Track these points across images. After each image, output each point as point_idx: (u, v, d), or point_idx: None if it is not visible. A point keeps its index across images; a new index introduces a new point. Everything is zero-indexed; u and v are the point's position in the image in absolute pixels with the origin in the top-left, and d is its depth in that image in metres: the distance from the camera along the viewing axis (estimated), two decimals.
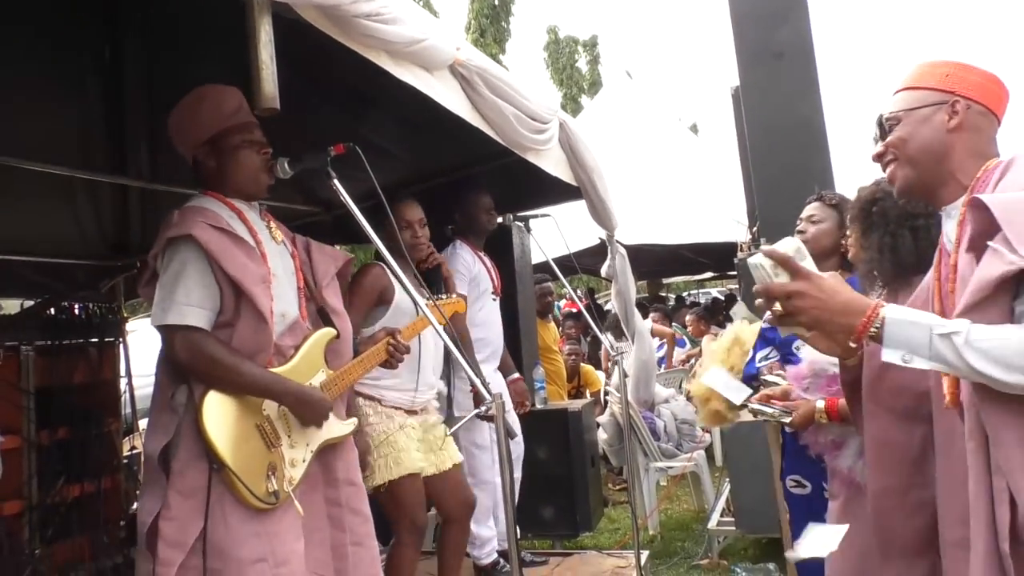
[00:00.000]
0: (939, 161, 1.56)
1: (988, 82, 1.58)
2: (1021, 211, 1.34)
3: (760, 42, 4.08)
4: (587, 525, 4.33)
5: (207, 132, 2.12)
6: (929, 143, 1.56)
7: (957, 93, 1.56)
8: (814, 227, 2.72)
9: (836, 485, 2.27)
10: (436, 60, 2.45)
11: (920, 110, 1.58)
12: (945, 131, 1.55)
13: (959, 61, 1.59)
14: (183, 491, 1.93)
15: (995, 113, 1.59)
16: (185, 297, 1.96)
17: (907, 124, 1.59)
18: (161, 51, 3.16)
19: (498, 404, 1.83)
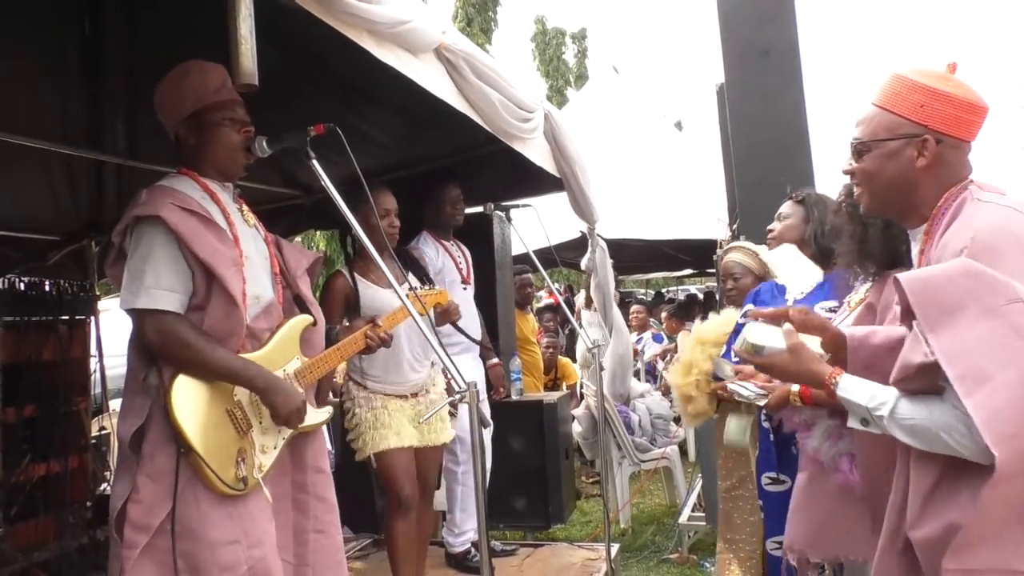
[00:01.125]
0: (905, 196, 1.58)
1: (963, 112, 1.53)
2: (935, 293, 1.36)
3: (747, 40, 4.08)
4: (559, 517, 4.33)
5: (189, 107, 2.08)
6: (894, 180, 1.57)
7: (930, 128, 1.52)
8: (780, 224, 2.84)
9: (805, 460, 2.42)
10: (421, 43, 2.42)
11: (889, 143, 1.56)
12: (913, 168, 1.54)
13: (936, 88, 1.53)
14: (152, 475, 1.90)
15: (968, 139, 1.56)
16: (155, 280, 1.93)
17: (875, 157, 1.58)
18: (143, 26, 3.10)
19: (472, 393, 1.82)
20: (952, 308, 1.34)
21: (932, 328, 1.34)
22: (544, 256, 4.40)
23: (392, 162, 4.14)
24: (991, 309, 1.31)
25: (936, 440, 1.38)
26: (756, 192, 3.92)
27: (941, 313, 1.34)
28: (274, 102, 2.05)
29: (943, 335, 1.33)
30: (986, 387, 1.29)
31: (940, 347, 1.33)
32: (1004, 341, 1.29)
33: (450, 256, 3.86)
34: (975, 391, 1.29)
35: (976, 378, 1.30)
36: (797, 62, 4.01)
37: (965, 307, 1.33)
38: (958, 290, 1.34)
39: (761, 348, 1.72)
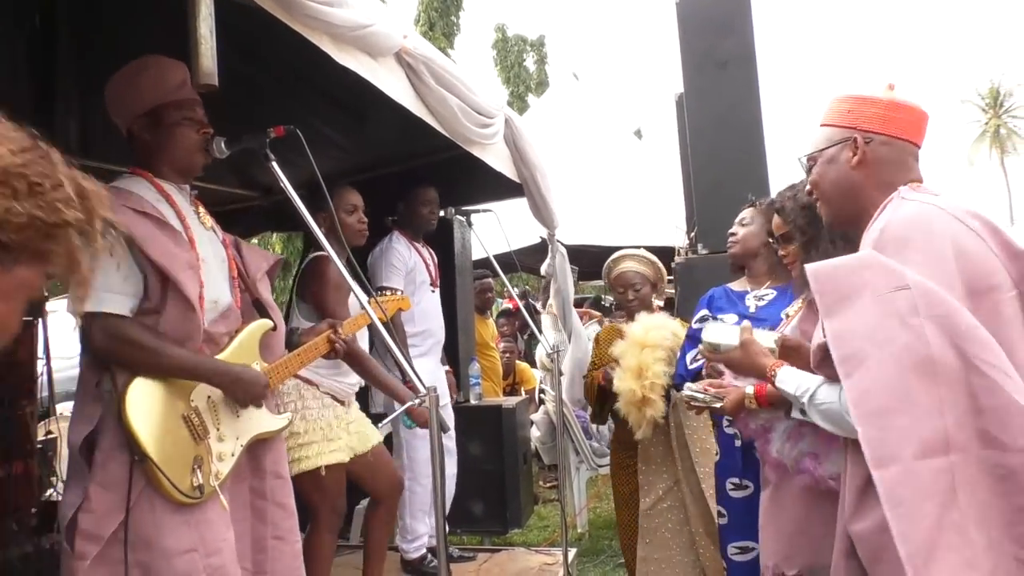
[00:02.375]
0: (851, 198, 1.65)
1: (889, 111, 1.62)
2: (835, 281, 1.45)
3: (705, 50, 4.14)
4: (517, 522, 4.34)
5: (147, 104, 2.03)
6: (837, 183, 1.66)
7: (858, 128, 1.62)
8: (743, 229, 2.87)
9: (767, 471, 2.33)
10: (382, 47, 2.42)
11: (828, 150, 1.67)
12: (849, 169, 1.63)
13: (862, 95, 1.65)
14: (104, 483, 1.85)
15: (904, 139, 1.63)
16: (103, 283, 1.87)
17: (819, 166, 1.69)
18: (97, 22, 3.03)
19: (432, 398, 1.81)
20: (848, 295, 1.42)
21: (827, 313, 1.43)
22: (503, 261, 4.41)
23: (350, 165, 4.12)
24: (879, 296, 1.38)
25: (843, 422, 1.45)
26: (713, 200, 3.97)
27: (838, 300, 1.43)
28: (232, 103, 2.02)
29: (835, 320, 1.42)
30: (862, 368, 1.36)
31: (830, 330, 1.42)
32: (885, 324, 1.36)
33: (421, 257, 3.85)
34: (853, 372, 1.37)
35: (855, 360, 1.37)
36: (754, 72, 4.08)
37: (860, 294, 1.41)
38: (855, 279, 1.43)
39: (717, 346, 1.95)
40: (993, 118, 43.54)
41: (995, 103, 43.85)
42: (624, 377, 3.06)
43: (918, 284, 1.36)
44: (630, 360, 3.06)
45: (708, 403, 2.39)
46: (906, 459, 1.30)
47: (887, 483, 1.30)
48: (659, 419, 3.04)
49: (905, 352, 1.33)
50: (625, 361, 3.07)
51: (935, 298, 1.35)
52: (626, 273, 3.36)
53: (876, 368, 1.35)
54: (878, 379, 1.34)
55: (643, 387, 2.99)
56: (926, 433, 1.31)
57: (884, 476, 1.31)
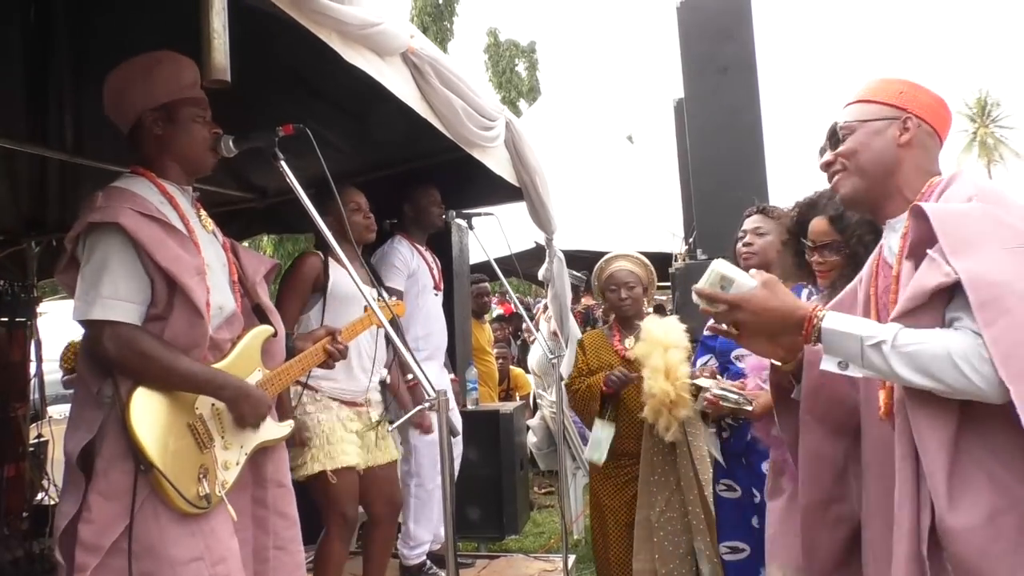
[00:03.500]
0: (888, 174, 1.61)
1: (937, 104, 1.64)
2: (957, 223, 1.38)
3: (706, 57, 4.15)
4: (513, 528, 4.31)
5: (162, 97, 1.98)
6: (880, 155, 1.61)
7: (909, 111, 1.61)
8: (760, 239, 2.76)
9: (784, 481, 2.28)
10: (389, 46, 2.39)
11: (874, 123, 1.62)
12: (896, 145, 1.60)
13: (913, 81, 1.65)
14: (105, 492, 1.80)
15: (940, 135, 1.65)
16: (112, 290, 1.82)
17: (860, 135, 1.63)
18: (93, 17, 2.98)
19: (441, 401, 1.78)
20: (973, 239, 1.35)
21: (955, 252, 1.33)
22: (501, 266, 4.38)
23: (349, 167, 4.08)
24: (1008, 248, 1.33)
25: (944, 368, 1.31)
26: (713, 205, 3.98)
27: (963, 242, 1.34)
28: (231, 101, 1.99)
29: (967, 259, 1.32)
30: (1005, 319, 1.27)
31: (965, 268, 1.30)
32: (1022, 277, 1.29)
33: (424, 260, 3.82)
34: (995, 321, 1.27)
35: (997, 308, 1.28)
36: (755, 78, 4.09)
37: (986, 242, 1.34)
38: (978, 226, 1.36)
39: (731, 281, 1.52)
40: (980, 127, 43.95)
41: (983, 113, 44.28)
42: (655, 377, 2.96)
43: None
44: (657, 361, 2.97)
45: (739, 404, 2.35)
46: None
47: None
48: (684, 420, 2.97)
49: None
50: (651, 362, 2.99)
51: None
52: (619, 272, 3.33)
53: (1021, 323, 1.26)
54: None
55: (676, 388, 2.91)
56: None
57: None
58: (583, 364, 3.37)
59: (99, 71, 2.11)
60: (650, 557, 3.07)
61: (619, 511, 3.22)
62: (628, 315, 3.27)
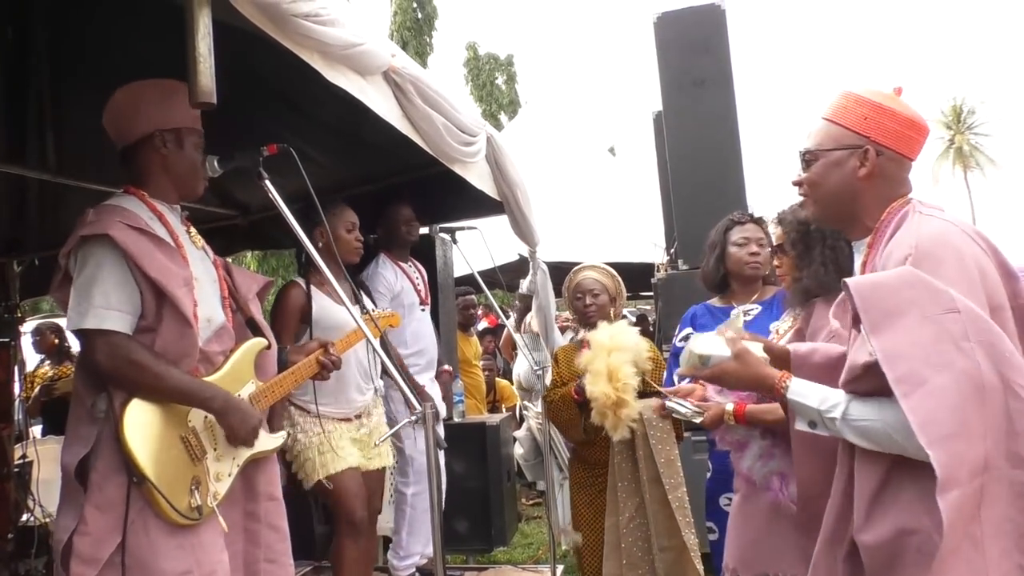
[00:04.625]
0: (846, 204, 1.65)
1: (904, 128, 1.60)
2: (879, 297, 1.43)
3: (683, 70, 4.23)
4: (502, 540, 4.32)
5: (176, 122, 2.05)
6: (838, 188, 1.63)
7: (872, 139, 1.59)
8: (764, 251, 2.82)
9: (738, 481, 2.47)
10: (371, 65, 2.43)
11: (834, 153, 1.62)
12: (855, 178, 1.60)
13: (880, 103, 1.60)
14: (100, 505, 1.82)
15: (908, 156, 1.63)
16: (103, 300, 1.86)
17: (821, 166, 1.65)
18: (73, 38, 3.00)
19: (429, 414, 1.81)
20: (894, 312, 1.40)
21: (874, 330, 1.41)
22: (486, 278, 4.41)
23: (331, 183, 4.10)
24: (929, 316, 1.38)
25: (887, 440, 1.43)
26: (693, 216, 4.04)
27: (884, 316, 1.41)
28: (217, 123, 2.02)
29: (884, 337, 1.40)
30: (921, 390, 1.35)
31: (881, 348, 1.39)
32: (939, 347, 1.36)
33: (408, 278, 3.85)
34: (911, 393, 1.36)
35: (913, 381, 1.36)
36: (731, 91, 4.16)
37: (906, 312, 1.39)
38: (901, 296, 1.41)
39: (708, 358, 1.76)
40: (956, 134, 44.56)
41: (958, 120, 44.92)
42: (596, 382, 3.03)
43: (966, 307, 1.37)
44: (599, 365, 3.04)
45: (689, 416, 2.45)
46: (963, 483, 1.32)
47: (952, 508, 1.31)
48: (633, 420, 3.02)
49: (963, 377, 1.34)
50: (594, 367, 3.06)
51: (982, 323, 1.37)
52: (585, 281, 3.38)
53: (939, 392, 1.34)
54: (942, 403, 1.34)
55: (617, 389, 2.97)
56: (974, 456, 1.33)
57: (948, 501, 1.30)
58: (557, 376, 3.42)
59: (77, 90, 2.13)
60: (618, 563, 3.09)
61: (594, 520, 3.24)
62: (593, 322, 3.31)
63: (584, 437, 3.25)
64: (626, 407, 2.98)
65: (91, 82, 2.11)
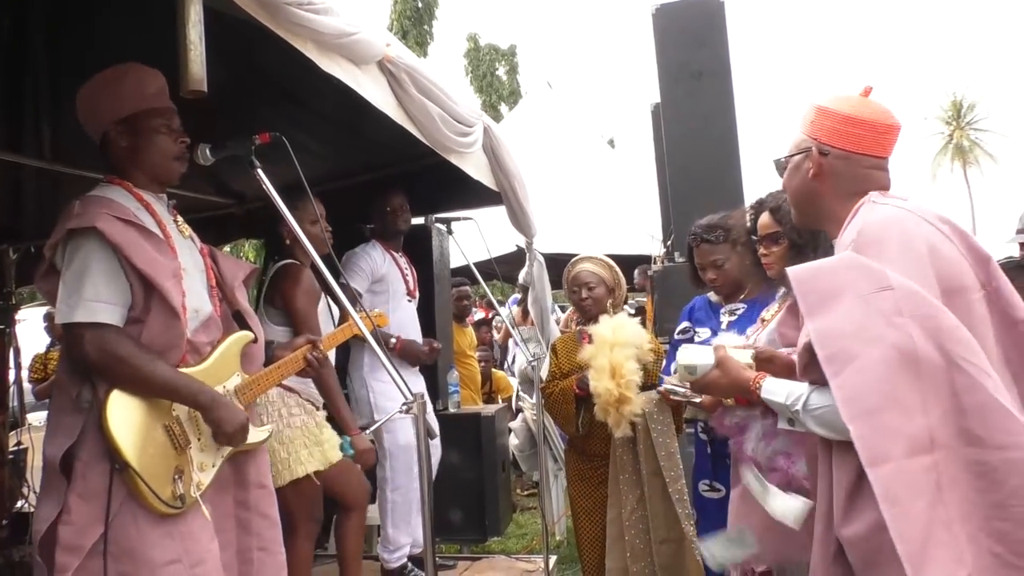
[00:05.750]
0: (810, 204, 1.70)
1: (845, 125, 1.62)
2: (816, 282, 1.47)
3: (680, 62, 4.21)
4: (496, 530, 4.33)
5: (125, 110, 2.02)
6: (799, 190, 1.71)
7: (817, 140, 1.65)
8: (720, 272, 2.84)
9: (736, 470, 2.36)
10: (365, 55, 2.42)
11: (793, 158, 1.71)
12: (808, 179, 1.66)
13: (823, 106, 1.66)
14: (84, 494, 1.82)
15: (862, 153, 1.62)
16: (94, 293, 1.85)
17: (787, 172, 1.73)
18: (70, 26, 2.99)
19: (419, 404, 1.81)
20: (830, 296, 1.43)
21: (810, 313, 1.44)
22: (482, 269, 4.41)
23: (328, 172, 4.10)
24: (862, 296, 1.40)
25: (840, 425, 1.42)
26: (690, 209, 4.00)
27: (820, 300, 1.44)
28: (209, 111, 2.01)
29: (818, 319, 1.43)
30: (850, 367, 1.37)
31: (814, 330, 1.42)
32: (870, 323, 1.38)
33: (397, 266, 3.84)
34: (841, 371, 1.38)
35: (842, 359, 1.38)
36: (729, 83, 4.15)
37: (841, 295, 1.42)
38: (838, 279, 1.44)
39: (694, 368, 1.86)
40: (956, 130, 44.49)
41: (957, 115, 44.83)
42: (599, 378, 3.02)
43: (901, 284, 1.38)
44: (602, 360, 3.04)
45: (688, 397, 2.44)
46: (897, 457, 1.32)
47: (882, 482, 1.32)
48: (636, 416, 3.03)
49: (892, 350, 1.35)
50: (597, 362, 3.05)
51: (918, 299, 1.38)
52: (582, 273, 3.37)
53: (864, 367, 1.36)
54: (867, 378, 1.35)
55: (620, 386, 2.97)
56: (913, 431, 1.33)
57: (878, 475, 1.32)
58: (556, 368, 3.40)
59: (74, 79, 2.13)
60: (621, 556, 3.09)
61: (593, 512, 3.25)
62: (590, 315, 3.31)
63: (578, 432, 3.25)
64: (629, 404, 2.99)
65: (88, 70, 2.10)
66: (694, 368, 1.86)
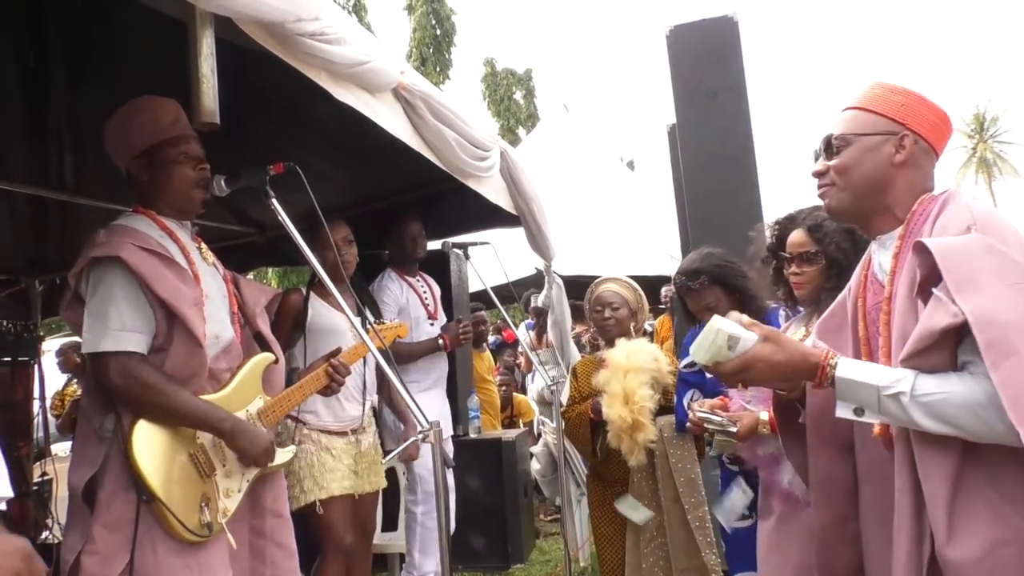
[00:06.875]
0: (879, 192, 1.56)
1: (939, 120, 1.57)
2: (960, 258, 1.33)
3: (696, 82, 4.19)
4: (519, 556, 4.28)
5: (142, 144, 2.06)
6: (872, 174, 1.55)
7: (908, 127, 1.54)
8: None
9: (773, 501, 2.26)
10: (379, 83, 2.44)
11: (869, 137, 1.55)
12: (890, 164, 1.54)
13: (916, 92, 1.57)
14: (109, 524, 1.83)
15: (937, 151, 1.59)
16: (119, 322, 1.88)
17: (854, 150, 1.57)
18: (92, 62, 3.05)
19: (436, 432, 1.80)
20: (976, 276, 1.30)
21: (960, 290, 1.28)
22: (500, 292, 4.40)
23: (347, 199, 4.13)
24: (1011, 284, 1.28)
25: (966, 417, 1.28)
26: (708, 229, 3.98)
27: (967, 279, 1.29)
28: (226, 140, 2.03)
29: (972, 298, 1.27)
30: (1012, 359, 1.23)
31: (971, 309, 1.26)
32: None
33: (415, 291, 3.85)
34: (1002, 363, 1.23)
35: (1004, 349, 1.24)
36: (745, 102, 4.13)
37: (987, 279, 1.29)
38: (981, 261, 1.31)
39: (736, 340, 1.45)
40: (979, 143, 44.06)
41: (980, 129, 44.42)
42: (612, 404, 2.99)
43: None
44: (615, 387, 3.01)
45: (723, 427, 2.35)
46: None
47: None
48: (651, 443, 2.99)
49: None
50: (611, 388, 3.02)
51: None
52: (604, 293, 3.35)
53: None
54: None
55: (632, 412, 2.94)
56: None
57: None
58: (575, 391, 3.38)
59: (96, 112, 2.17)
60: None
61: (614, 538, 3.21)
62: (612, 335, 3.28)
63: (596, 457, 3.21)
64: (642, 430, 2.95)
65: (109, 103, 2.14)
66: (736, 340, 1.43)
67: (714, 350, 1.46)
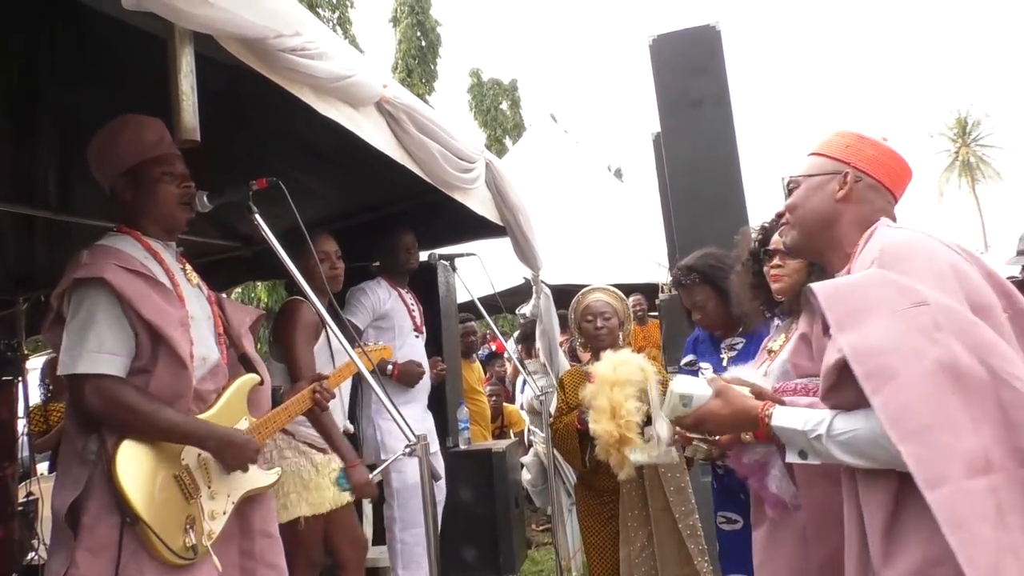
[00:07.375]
0: (825, 227, 1.65)
1: (884, 156, 1.65)
2: (844, 297, 1.40)
3: (680, 91, 4.22)
4: (510, 567, 4.26)
5: (126, 163, 2.05)
6: (817, 209, 1.66)
7: (851, 164, 1.64)
8: (701, 312, 2.86)
9: (763, 510, 2.25)
10: (362, 97, 2.44)
11: (816, 177, 1.67)
12: (833, 200, 1.63)
13: (862, 134, 1.67)
14: (92, 548, 1.81)
15: (888, 188, 1.65)
16: (97, 344, 1.86)
17: (803, 189, 1.69)
18: (77, 79, 3.04)
19: (423, 446, 1.80)
20: (861, 311, 1.36)
21: (840, 328, 1.37)
22: (488, 303, 4.41)
23: (333, 212, 4.13)
24: (897, 311, 1.34)
25: (874, 449, 1.35)
26: (694, 237, 3.99)
27: (850, 314, 1.37)
28: (212, 156, 2.03)
29: (851, 333, 1.35)
30: (892, 383, 1.29)
31: (849, 344, 1.34)
32: (909, 339, 1.30)
33: (403, 302, 3.84)
34: (882, 388, 1.29)
35: (884, 375, 1.30)
36: (729, 111, 4.15)
37: (873, 310, 1.35)
38: (868, 295, 1.38)
39: (690, 398, 1.69)
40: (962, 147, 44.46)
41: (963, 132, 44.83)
42: (599, 419, 2.98)
43: (936, 300, 1.32)
44: (602, 401, 2.99)
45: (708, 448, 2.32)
46: (956, 478, 1.23)
47: (944, 505, 1.22)
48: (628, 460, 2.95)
49: (935, 366, 1.27)
50: (597, 402, 3.01)
51: (956, 313, 1.32)
52: (595, 303, 3.36)
53: (908, 384, 1.28)
54: (913, 395, 1.27)
55: (620, 427, 2.92)
56: (968, 450, 1.24)
57: (939, 497, 1.22)
58: (563, 403, 3.37)
59: (82, 130, 2.16)
60: None
61: (604, 548, 3.21)
62: (603, 346, 3.28)
63: (584, 468, 3.21)
64: (630, 444, 2.93)
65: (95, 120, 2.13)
66: (689, 398, 1.68)
67: (671, 407, 1.71)
